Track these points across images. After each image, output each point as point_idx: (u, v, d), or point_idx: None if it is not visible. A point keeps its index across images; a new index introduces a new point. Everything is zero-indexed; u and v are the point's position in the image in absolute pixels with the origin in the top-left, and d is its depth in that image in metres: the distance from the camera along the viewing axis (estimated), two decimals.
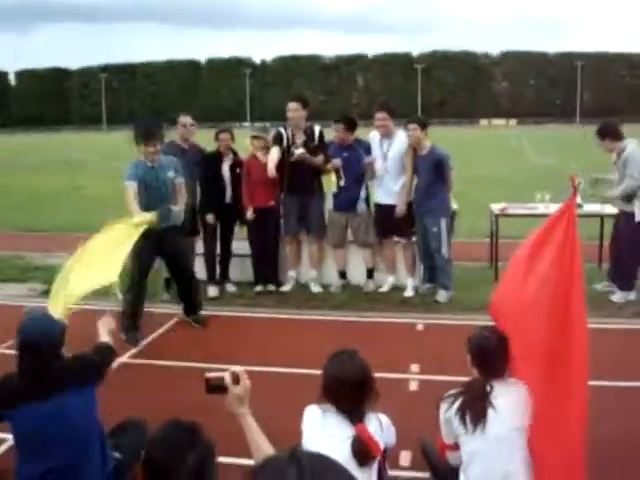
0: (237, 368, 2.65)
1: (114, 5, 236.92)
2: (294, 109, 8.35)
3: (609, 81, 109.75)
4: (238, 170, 8.48)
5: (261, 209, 8.38)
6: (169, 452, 2.50)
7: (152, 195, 6.96)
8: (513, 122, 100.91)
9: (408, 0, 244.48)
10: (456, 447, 3.57)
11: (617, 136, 8.02)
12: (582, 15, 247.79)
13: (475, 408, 3.47)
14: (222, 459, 2.87)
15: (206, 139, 9.25)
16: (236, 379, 2.61)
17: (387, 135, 8.25)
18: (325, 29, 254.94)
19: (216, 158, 8.48)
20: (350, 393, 3.24)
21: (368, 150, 8.36)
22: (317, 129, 8.49)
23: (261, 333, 7.29)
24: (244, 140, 8.98)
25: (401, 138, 8.22)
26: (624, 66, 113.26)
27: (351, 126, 8.41)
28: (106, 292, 6.15)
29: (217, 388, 2.63)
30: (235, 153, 8.61)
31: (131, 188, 6.87)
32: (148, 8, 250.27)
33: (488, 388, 3.49)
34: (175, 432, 2.59)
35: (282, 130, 8.45)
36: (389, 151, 8.22)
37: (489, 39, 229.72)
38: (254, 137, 8.54)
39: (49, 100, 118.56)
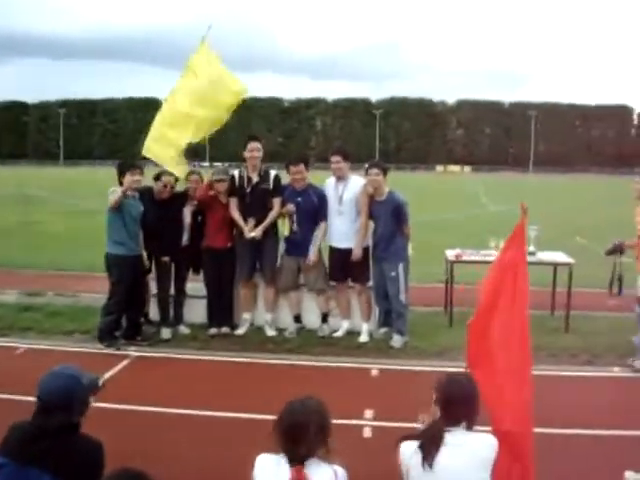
0: None
1: (76, 41, 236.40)
2: (256, 149, 8.36)
3: (562, 131, 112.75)
4: (200, 218, 8.49)
5: (217, 250, 8.34)
6: None
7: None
8: (468, 169, 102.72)
9: (373, 49, 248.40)
10: None
11: None
12: (537, 66, 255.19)
13: (429, 450, 3.44)
14: None
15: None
16: None
17: (342, 178, 8.31)
18: (290, 73, 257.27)
19: (181, 200, 8.45)
20: (293, 438, 3.16)
21: (321, 197, 8.40)
22: (273, 173, 8.48)
23: (213, 376, 7.19)
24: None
25: (355, 181, 8.31)
26: (577, 117, 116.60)
27: (307, 165, 8.49)
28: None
29: None
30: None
31: None
32: (109, 46, 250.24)
33: (446, 433, 3.46)
34: None
35: (235, 174, 8.47)
36: (344, 194, 8.27)
37: (447, 88, 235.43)
38: (217, 181, 8.39)
39: (6, 133, 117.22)
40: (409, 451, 3.47)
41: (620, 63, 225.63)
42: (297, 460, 3.12)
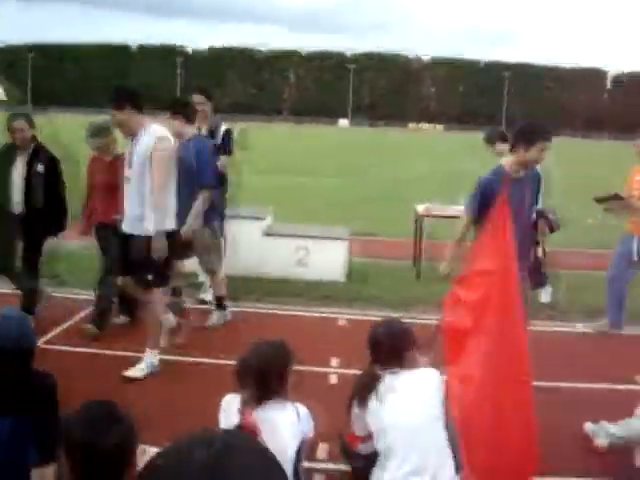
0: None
1: None
2: (198, 102, 7.43)
3: (535, 93, 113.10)
4: (41, 167, 6.53)
5: (103, 225, 6.74)
6: (90, 430, 2.42)
7: None
8: (440, 127, 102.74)
9: (354, 2, 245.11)
10: (368, 438, 3.62)
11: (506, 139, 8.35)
12: (519, 25, 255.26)
13: (362, 395, 3.61)
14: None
15: None
16: None
17: (132, 134, 5.72)
18: (269, 24, 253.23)
19: (6, 155, 6.68)
20: (253, 380, 3.25)
21: (200, 151, 6.73)
22: (223, 127, 7.68)
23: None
24: None
25: (151, 135, 5.64)
26: (550, 79, 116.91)
27: (187, 113, 6.82)
28: None
29: None
30: (40, 146, 6.71)
31: None
32: None
33: (381, 376, 3.60)
34: (94, 410, 2.52)
35: None
36: (134, 154, 5.67)
37: (428, 44, 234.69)
38: (91, 136, 6.78)
39: None
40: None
41: (598, 26, 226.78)
42: (254, 401, 3.21)
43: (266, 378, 3.26)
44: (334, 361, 6.12)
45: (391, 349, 3.68)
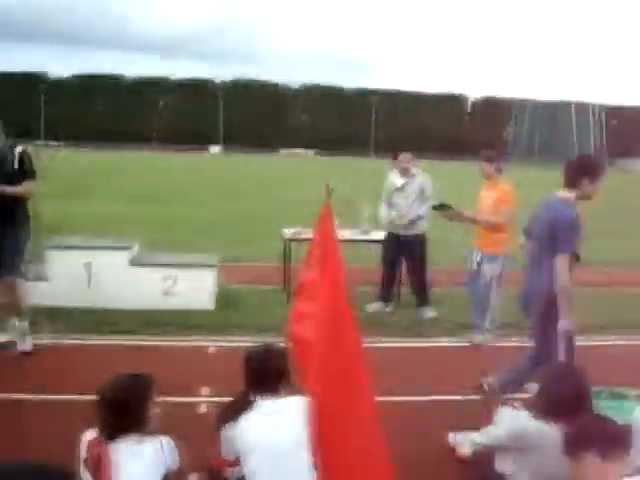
0: None
1: None
2: None
3: (401, 118, 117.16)
4: None
5: None
6: None
7: None
8: (311, 152, 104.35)
9: (225, 30, 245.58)
10: (236, 463, 3.62)
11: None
12: (382, 54, 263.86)
13: (233, 418, 3.62)
14: None
15: None
16: None
17: None
18: (140, 52, 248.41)
19: None
20: (108, 412, 3.24)
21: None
22: (18, 150, 6.85)
23: (45, 357, 6.92)
24: None
25: None
26: (414, 104, 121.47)
27: None
28: None
29: None
30: None
31: None
32: None
33: (254, 400, 3.62)
34: None
35: None
36: None
37: (296, 72, 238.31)
38: None
39: None
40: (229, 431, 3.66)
41: (458, 52, 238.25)
42: (109, 434, 3.20)
43: (122, 410, 3.22)
44: (204, 390, 6.05)
45: (267, 373, 3.70)
